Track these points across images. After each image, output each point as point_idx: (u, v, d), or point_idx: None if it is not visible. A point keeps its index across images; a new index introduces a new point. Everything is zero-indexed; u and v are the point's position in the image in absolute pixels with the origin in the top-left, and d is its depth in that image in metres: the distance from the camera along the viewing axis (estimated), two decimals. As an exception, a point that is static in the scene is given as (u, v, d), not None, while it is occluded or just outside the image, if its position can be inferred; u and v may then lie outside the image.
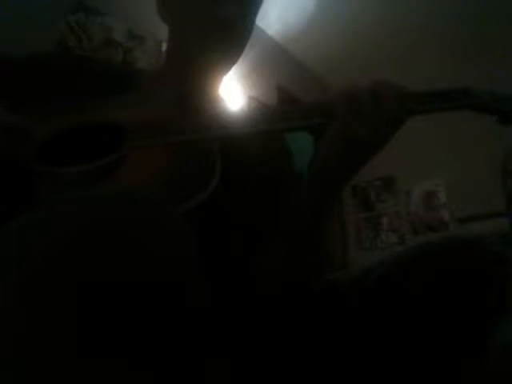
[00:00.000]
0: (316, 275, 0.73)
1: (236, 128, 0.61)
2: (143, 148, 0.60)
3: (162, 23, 0.78)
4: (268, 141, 0.76)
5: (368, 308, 0.64)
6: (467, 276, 0.58)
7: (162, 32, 0.79)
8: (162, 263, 0.36)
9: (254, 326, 0.66)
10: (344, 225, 3.94)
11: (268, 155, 0.76)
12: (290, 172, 0.81)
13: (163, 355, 0.35)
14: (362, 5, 3.05)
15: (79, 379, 0.32)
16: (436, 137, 3.41)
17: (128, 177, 0.57)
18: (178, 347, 0.37)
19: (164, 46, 0.82)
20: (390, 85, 0.60)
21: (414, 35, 3.23)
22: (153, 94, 0.70)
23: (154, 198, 0.40)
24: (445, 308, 0.58)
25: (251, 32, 0.75)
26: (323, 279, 0.73)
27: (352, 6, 3.06)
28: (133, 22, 2.16)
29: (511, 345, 0.76)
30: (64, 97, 0.65)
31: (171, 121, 0.60)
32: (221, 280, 0.61)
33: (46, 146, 0.58)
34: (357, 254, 3.81)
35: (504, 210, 2.21)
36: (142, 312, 0.35)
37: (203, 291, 0.41)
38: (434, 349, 0.58)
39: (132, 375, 0.34)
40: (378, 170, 3.57)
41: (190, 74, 0.73)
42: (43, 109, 0.62)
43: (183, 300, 0.37)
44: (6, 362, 0.32)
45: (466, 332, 0.58)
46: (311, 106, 0.63)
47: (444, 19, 3.11)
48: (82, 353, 0.32)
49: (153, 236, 0.36)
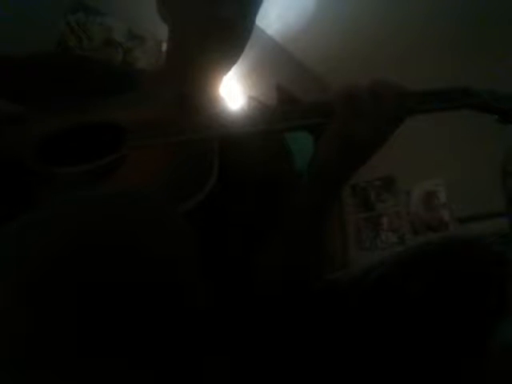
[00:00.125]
0: (316, 275, 0.73)
1: (236, 128, 0.61)
2: (143, 148, 0.60)
3: (162, 23, 0.78)
4: (268, 140, 0.76)
5: (368, 308, 0.64)
6: (467, 276, 0.58)
7: (162, 32, 0.79)
8: (162, 263, 0.36)
9: (254, 326, 0.66)
10: (344, 225, 3.94)
11: (268, 155, 0.76)
12: (290, 172, 0.81)
13: (163, 355, 0.35)
14: (362, 5, 3.05)
15: (79, 379, 0.33)
16: (436, 137, 3.41)
17: (128, 177, 0.57)
18: (178, 347, 0.37)
19: (164, 46, 0.82)
20: (390, 84, 0.60)
21: (414, 35, 3.23)
22: (153, 94, 0.70)
23: (154, 198, 0.40)
24: (445, 308, 0.58)
25: (251, 32, 0.75)
26: (323, 279, 0.73)
27: (352, 6, 3.06)
28: (133, 22, 2.16)
29: (511, 345, 0.76)
30: (64, 97, 0.65)
31: (171, 121, 0.60)
32: (221, 280, 0.61)
33: (46, 146, 0.58)
34: (357, 254, 3.81)
35: (504, 210, 2.22)
36: (142, 312, 0.35)
37: (203, 291, 0.41)
38: (434, 349, 0.58)
39: (132, 375, 0.34)
40: (378, 170, 3.57)
41: (190, 74, 0.73)
42: (43, 109, 0.62)
43: (183, 300, 0.37)
44: (6, 362, 0.32)
45: (466, 332, 0.58)
46: (311, 106, 0.63)
47: (444, 19, 3.11)
48: (82, 353, 0.32)
49: (153, 236, 0.36)
